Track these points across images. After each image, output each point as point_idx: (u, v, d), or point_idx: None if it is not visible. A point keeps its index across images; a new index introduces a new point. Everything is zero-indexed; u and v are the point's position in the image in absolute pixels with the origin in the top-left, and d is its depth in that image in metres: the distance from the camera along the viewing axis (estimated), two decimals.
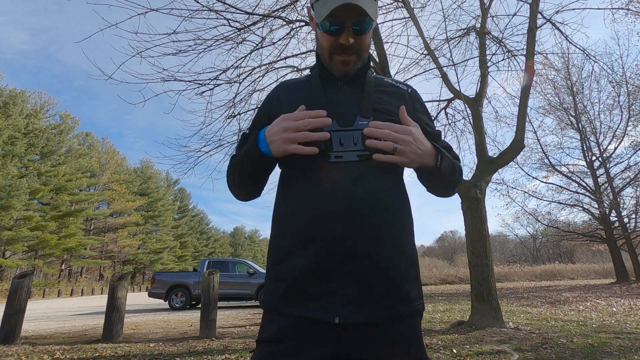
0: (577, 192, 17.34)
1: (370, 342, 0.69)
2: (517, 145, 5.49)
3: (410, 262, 0.77)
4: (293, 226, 0.76)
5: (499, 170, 6.28)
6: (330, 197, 0.74)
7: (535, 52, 5.46)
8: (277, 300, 0.73)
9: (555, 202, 17.84)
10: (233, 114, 5.60)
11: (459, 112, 7.02)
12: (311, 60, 5.86)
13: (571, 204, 17.60)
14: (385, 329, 0.70)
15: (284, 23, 5.04)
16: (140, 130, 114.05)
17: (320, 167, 0.77)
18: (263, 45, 5.06)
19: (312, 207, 0.74)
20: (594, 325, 5.29)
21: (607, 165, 17.01)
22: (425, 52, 5.82)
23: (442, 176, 0.82)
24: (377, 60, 5.21)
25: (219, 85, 5.15)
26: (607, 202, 16.36)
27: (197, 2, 4.14)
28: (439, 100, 6.83)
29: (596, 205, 16.68)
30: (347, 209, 0.73)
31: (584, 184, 17.01)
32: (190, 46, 4.52)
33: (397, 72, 6.15)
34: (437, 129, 0.95)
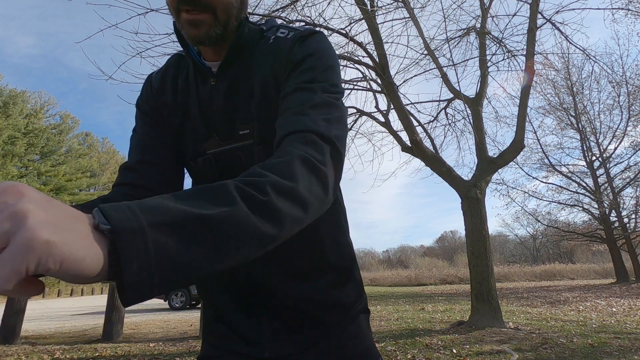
0: (577, 192, 17.33)
1: None
2: (517, 145, 5.49)
3: (341, 272, 0.68)
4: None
5: (499, 170, 6.28)
6: None
7: (535, 52, 5.46)
8: (207, 329, 0.71)
9: (555, 202, 17.84)
10: None
11: (459, 112, 7.03)
12: None
13: (571, 204, 17.59)
14: (318, 346, 0.65)
15: None
16: None
17: None
18: None
19: None
20: (594, 326, 5.29)
21: (607, 166, 17.00)
22: (425, 52, 5.82)
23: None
24: (377, 60, 5.22)
25: None
26: (607, 202, 16.36)
27: None
28: (439, 100, 6.84)
29: (596, 206, 16.67)
30: None
31: (584, 184, 17.00)
32: None
33: (397, 72, 6.15)
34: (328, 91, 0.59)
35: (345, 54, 5.24)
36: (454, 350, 3.69)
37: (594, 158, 17.22)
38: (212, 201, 0.34)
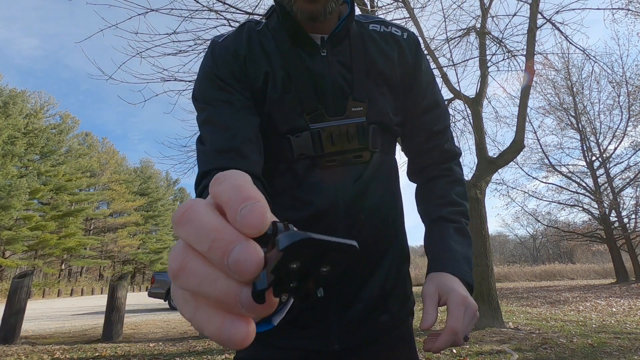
0: (577, 192, 17.34)
1: (369, 355, 0.64)
2: (517, 146, 5.50)
3: (402, 262, 0.70)
4: None
5: (499, 170, 6.28)
6: (328, 212, 0.61)
7: (535, 52, 5.46)
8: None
9: (555, 202, 17.84)
10: None
11: (459, 112, 7.02)
12: None
13: (571, 204, 17.59)
14: (382, 339, 0.65)
15: None
16: (145, 132, 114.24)
17: (308, 174, 0.62)
18: None
19: (304, 225, 0.58)
20: (594, 326, 5.29)
21: (607, 166, 17.01)
22: (425, 52, 5.82)
23: None
24: None
25: None
26: (607, 202, 16.36)
27: (197, 2, 4.15)
28: None
29: (596, 206, 16.68)
30: (349, 224, 0.61)
31: (584, 184, 17.01)
32: (190, 46, 4.52)
33: None
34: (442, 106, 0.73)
35: None
36: (454, 350, 3.69)
37: (594, 158, 17.22)
38: (462, 245, 0.63)
